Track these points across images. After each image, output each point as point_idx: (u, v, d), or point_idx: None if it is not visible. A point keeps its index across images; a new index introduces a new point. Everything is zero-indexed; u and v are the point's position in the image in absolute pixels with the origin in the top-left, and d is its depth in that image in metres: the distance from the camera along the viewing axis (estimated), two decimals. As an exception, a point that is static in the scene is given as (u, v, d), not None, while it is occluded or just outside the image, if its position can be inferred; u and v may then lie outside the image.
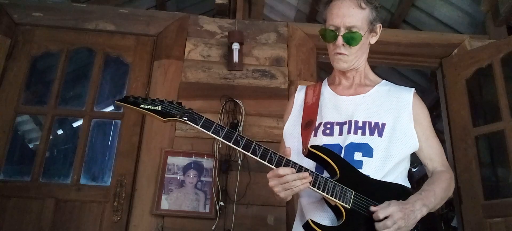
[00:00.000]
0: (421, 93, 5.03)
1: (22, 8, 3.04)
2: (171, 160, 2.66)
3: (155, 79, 2.92)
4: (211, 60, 2.99)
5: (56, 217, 2.61)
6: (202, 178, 2.64)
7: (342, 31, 1.41)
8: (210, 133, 1.28)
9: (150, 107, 1.30)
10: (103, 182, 2.83)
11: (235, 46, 2.88)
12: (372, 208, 1.27)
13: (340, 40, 1.42)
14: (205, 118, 1.30)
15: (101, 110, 3.25)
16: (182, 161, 2.66)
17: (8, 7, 3.02)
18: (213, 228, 2.53)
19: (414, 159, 1.54)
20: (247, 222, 2.57)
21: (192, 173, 2.65)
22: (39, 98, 3.26)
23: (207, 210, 2.56)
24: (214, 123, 1.29)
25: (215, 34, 3.08)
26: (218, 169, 2.64)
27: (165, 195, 2.58)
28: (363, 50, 1.50)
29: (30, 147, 4.44)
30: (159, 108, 1.30)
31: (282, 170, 1.25)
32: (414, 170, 5.65)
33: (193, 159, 2.67)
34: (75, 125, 3.79)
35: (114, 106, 3.35)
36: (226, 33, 3.01)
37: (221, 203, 2.57)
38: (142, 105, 1.30)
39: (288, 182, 1.24)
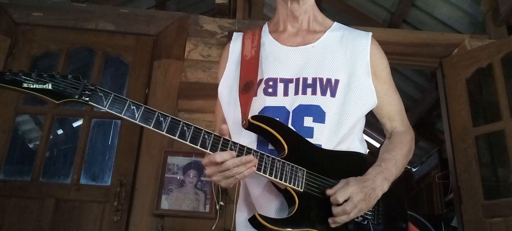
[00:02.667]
0: (421, 93, 5.05)
1: (22, 8, 3.04)
2: (171, 159, 2.66)
3: (155, 79, 2.92)
4: (211, 60, 2.99)
5: (56, 217, 2.61)
6: (202, 178, 2.64)
7: None
8: (122, 116, 1.00)
9: (37, 86, 0.97)
10: (103, 182, 2.83)
11: (235, 46, 2.87)
12: (328, 192, 1.07)
13: None
14: (114, 94, 1.01)
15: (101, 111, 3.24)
16: (182, 160, 2.66)
17: (8, 7, 3.02)
18: (213, 228, 2.53)
19: (413, 159, 1.45)
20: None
21: (192, 172, 2.65)
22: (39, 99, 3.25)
23: (207, 210, 2.56)
24: (127, 100, 1.01)
25: (215, 34, 3.08)
26: (218, 169, 2.63)
27: (165, 195, 2.58)
28: None
29: (30, 146, 4.43)
30: (50, 87, 0.98)
31: (219, 156, 1.01)
32: (414, 170, 5.65)
33: (193, 158, 2.67)
34: (75, 124, 3.79)
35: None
36: (226, 33, 3.01)
37: (221, 203, 2.57)
38: (25, 85, 0.96)
39: (229, 170, 1.01)
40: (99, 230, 2.62)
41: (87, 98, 1.00)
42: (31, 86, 0.97)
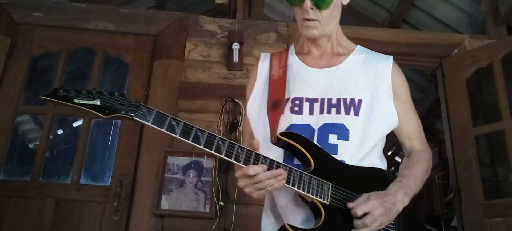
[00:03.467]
0: (421, 93, 5.05)
1: (22, 8, 3.04)
2: (171, 159, 2.66)
3: (155, 79, 2.92)
4: (211, 60, 2.99)
5: (56, 217, 2.61)
6: (202, 178, 2.64)
7: None
8: (163, 130, 1.08)
9: (87, 102, 1.06)
10: (103, 182, 2.83)
11: (235, 46, 2.88)
12: (349, 204, 1.13)
13: (308, 3, 1.23)
14: (157, 111, 1.09)
15: (101, 110, 3.24)
16: (182, 160, 2.66)
17: (8, 7, 3.02)
18: (213, 228, 2.53)
19: None
20: (247, 222, 2.57)
21: (192, 172, 2.65)
22: (39, 99, 3.25)
23: (207, 210, 2.56)
24: (168, 116, 1.09)
25: (215, 34, 3.08)
26: (218, 168, 2.64)
27: (165, 195, 2.58)
28: (335, 14, 1.31)
29: (30, 146, 4.43)
30: (98, 103, 1.07)
31: (251, 169, 1.09)
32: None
33: (193, 158, 2.67)
34: (75, 124, 3.79)
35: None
36: (226, 33, 3.01)
37: (221, 203, 2.57)
38: (76, 100, 1.06)
39: (260, 182, 1.09)
40: (99, 230, 2.61)
41: (133, 114, 1.08)
42: (82, 102, 1.06)
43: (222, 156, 1.10)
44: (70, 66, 3.11)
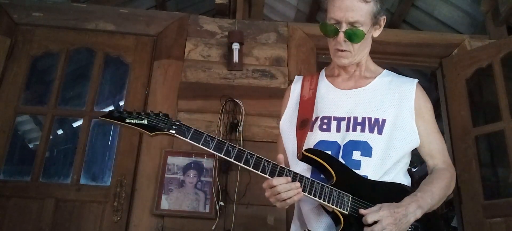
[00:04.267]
0: (421, 93, 5.04)
1: (22, 8, 3.04)
2: (171, 160, 2.65)
3: (155, 79, 2.92)
4: (211, 60, 2.99)
5: (56, 217, 2.61)
6: (202, 178, 2.64)
7: (344, 27, 1.33)
8: (199, 145, 1.23)
9: (137, 122, 1.25)
10: (103, 182, 2.83)
11: (235, 46, 2.88)
12: (361, 211, 1.22)
13: (341, 36, 1.34)
14: (194, 129, 1.25)
15: (101, 110, 3.24)
16: (182, 161, 2.66)
17: (8, 7, 3.02)
18: (213, 228, 2.53)
19: (414, 158, 1.52)
20: (247, 222, 2.57)
21: (192, 173, 2.65)
22: (39, 98, 3.26)
23: (207, 210, 2.56)
24: (204, 133, 1.25)
25: (215, 34, 3.08)
26: (218, 169, 2.63)
27: (165, 195, 2.58)
28: (365, 45, 1.43)
29: (30, 147, 4.43)
30: (146, 122, 1.25)
31: (275, 180, 1.20)
32: (414, 170, 5.65)
33: (193, 159, 2.67)
34: (75, 125, 3.80)
35: (114, 107, 3.34)
36: (226, 33, 3.01)
37: (221, 203, 2.56)
38: (127, 120, 1.25)
39: (279, 193, 1.20)
40: (99, 230, 2.61)
41: (174, 131, 1.25)
42: (132, 122, 1.25)
43: (250, 168, 1.23)
44: (70, 66, 3.11)
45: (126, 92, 2.96)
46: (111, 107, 3.38)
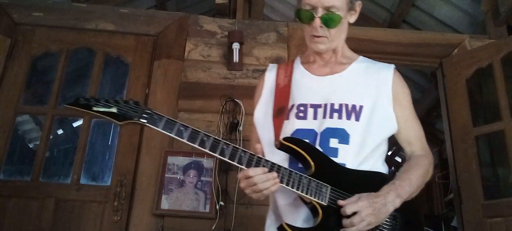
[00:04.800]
0: (421, 93, 5.04)
1: (22, 8, 3.04)
2: (171, 159, 2.66)
3: (155, 79, 2.92)
4: (211, 60, 2.99)
5: (56, 217, 2.61)
6: (202, 178, 2.64)
7: (320, 12, 1.29)
8: (172, 135, 1.16)
9: (104, 109, 1.18)
10: (103, 182, 2.83)
11: (235, 46, 2.88)
12: (340, 202, 1.18)
13: (317, 22, 1.30)
14: (167, 118, 1.18)
15: (101, 110, 3.24)
16: (182, 160, 2.66)
17: (8, 7, 3.02)
18: (213, 228, 2.53)
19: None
20: (247, 222, 2.57)
21: (192, 172, 2.65)
22: (39, 98, 3.26)
23: (207, 210, 2.56)
24: (177, 122, 1.18)
25: (215, 34, 3.08)
26: (218, 168, 2.63)
27: (165, 195, 2.58)
28: (342, 31, 1.39)
29: (30, 146, 4.43)
30: (115, 110, 1.18)
31: (251, 171, 1.15)
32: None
33: (193, 158, 2.67)
34: (75, 124, 3.79)
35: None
36: (226, 33, 3.01)
37: (221, 203, 2.57)
38: (94, 108, 1.18)
39: (256, 184, 1.15)
40: (99, 230, 2.61)
41: (145, 120, 1.18)
42: (100, 110, 1.18)
43: (226, 159, 1.17)
44: (70, 66, 3.11)
45: (126, 92, 2.96)
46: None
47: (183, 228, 2.55)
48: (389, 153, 7.14)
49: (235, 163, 1.17)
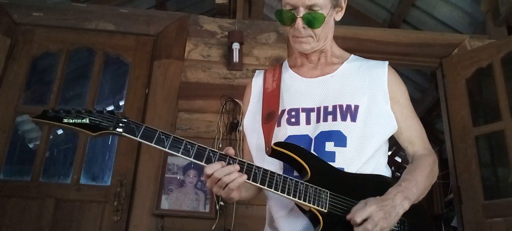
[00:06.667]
0: (421, 93, 5.05)
1: (22, 8, 3.04)
2: (171, 159, 2.65)
3: (155, 79, 2.92)
4: (211, 60, 2.99)
5: (56, 217, 2.61)
6: (202, 178, 2.64)
7: (302, 12, 1.20)
8: (152, 144, 1.07)
9: (76, 121, 1.08)
10: (103, 182, 2.83)
11: (235, 46, 2.88)
12: (348, 217, 1.09)
13: (299, 22, 1.21)
14: (145, 126, 1.09)
15: (101, 110, 3.24)
16: (182, 160, 2.66)
17: (8, 7, 3.02)
18: (213, 228, 2.53)
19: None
20: (247, 222, 2.57)
21: (192, 172, 2.65)
22: (39, 98, 3.26)
23: (207, 210, 2.56)
24: (157, 131, 1.09)
25: (215, 34, 3.08)
26: (218, 169, 2.63)
27: (165, 195, 2.58)
28: (328, 30, 1.29)
29: (30, 147, 4.43)
30: (87, 121, 1.08)
31: (209, 168, 1.06)
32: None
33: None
34: (75, 125, 3.79)
35: (113, 107, 3.34)
36: (226, 33, 3.01)
37: (221, 203, 2.56)
38: (65, 120, 1.08)
39: (220, 179, 1.06)
40: (99, 230, 2.61)
41: (121, 130, 1.09)
42: (71, 121, 1.08)
43: (191, 159, 1.09)
44: (70, 66, 3.11)
45: (126, 92, 2.96)
46: (111, 107, 3.37)
47: (183, 228, 2.55)
48: (389, 153, 7.15)
49: (203, 163, 1.09)
